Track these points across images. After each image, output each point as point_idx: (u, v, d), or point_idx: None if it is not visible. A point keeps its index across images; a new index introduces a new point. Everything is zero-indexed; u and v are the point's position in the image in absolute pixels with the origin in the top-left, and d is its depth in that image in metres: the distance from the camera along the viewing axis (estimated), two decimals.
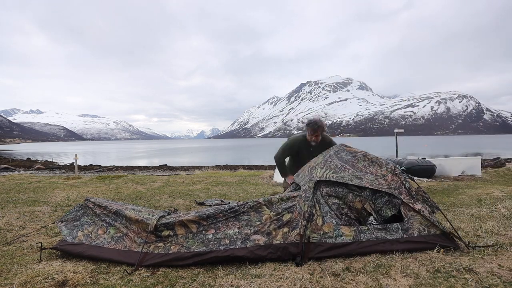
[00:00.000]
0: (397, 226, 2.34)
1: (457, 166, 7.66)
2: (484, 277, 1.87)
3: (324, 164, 2.69)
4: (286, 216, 2.38)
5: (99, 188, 6.38)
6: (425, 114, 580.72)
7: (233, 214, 2.45)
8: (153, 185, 6.81)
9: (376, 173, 2.64)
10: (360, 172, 2.64)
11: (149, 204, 4.65)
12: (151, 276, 2.07)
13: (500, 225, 2.93)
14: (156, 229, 2.42)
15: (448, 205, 4.05)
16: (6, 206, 4.53)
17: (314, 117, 3.55)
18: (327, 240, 2.23)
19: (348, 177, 2.54)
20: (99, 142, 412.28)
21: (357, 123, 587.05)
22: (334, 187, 2.51)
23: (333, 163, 2.70)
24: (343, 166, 2.67)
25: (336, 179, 2.50)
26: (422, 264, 2.05)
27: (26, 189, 6.19)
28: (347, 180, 2.51)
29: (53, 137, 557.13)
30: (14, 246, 2.76)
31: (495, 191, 4.82)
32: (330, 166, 2.65)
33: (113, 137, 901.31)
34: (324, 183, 2.53)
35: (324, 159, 2.78)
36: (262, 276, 2.00)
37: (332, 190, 2.50)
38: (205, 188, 6.33)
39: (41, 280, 2.01)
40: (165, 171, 16.76)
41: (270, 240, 2.25)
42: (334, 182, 2.52)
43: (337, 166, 2.66)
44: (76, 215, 2.87)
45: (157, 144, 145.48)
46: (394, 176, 2.55)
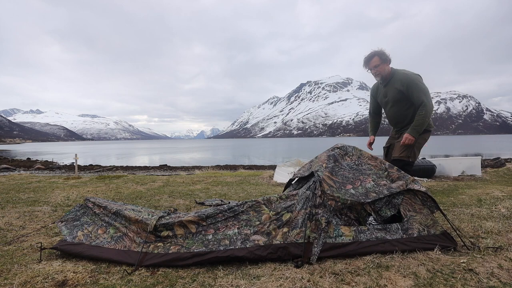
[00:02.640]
0: (397, 226, 2.34)
1: (457, 166, 7.66)
2: (484, 277, 1.87)
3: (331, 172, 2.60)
4: (285, 215, 2.38)
5: (99, 188, 6.38)
6: None
7: (232, 214, 2.45)
8: (153, 185, 6.81)
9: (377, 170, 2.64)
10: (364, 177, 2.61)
11: (149, 204, 4.64)
12: (151, 276, 2.07)
13: (500, 225, 2.93)
14: (156, 229, 2.42)
15: (448, 205, 4.05)
16: (6, 206, 4.53)
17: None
18: (327, 240, 2.23)
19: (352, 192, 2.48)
20: (99, 142, 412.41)
21: (357, 123, 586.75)
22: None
23: (339, 173, 2.62)
24: (347, 178, 2.60)
25: (343, 198, 2.41)
26: (422, 264, 2.05)
27: (26, 189, 6.19)
28: (349, 197, 2.42)
29: (53, 137, 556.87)
30: (14, 246, 2.75)
31: (495, 191, 4.82)
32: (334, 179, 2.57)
33: (113, 137, 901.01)
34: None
35: (328, 164, 2.69)
36: (262, 276, 2.00)
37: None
38: (205, 188, 6.32)
39: (41, 280, 2.01)
40: (165, 171, 16.77)
41: (270, 240, 2.25)
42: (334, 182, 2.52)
43: (343, 176, 2.59)
44: (76, 215, 2.87)
45: (157, 144, 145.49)
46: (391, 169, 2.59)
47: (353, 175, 2.63)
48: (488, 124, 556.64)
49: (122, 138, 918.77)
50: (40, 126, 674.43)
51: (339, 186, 2.49)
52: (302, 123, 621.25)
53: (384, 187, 2.52)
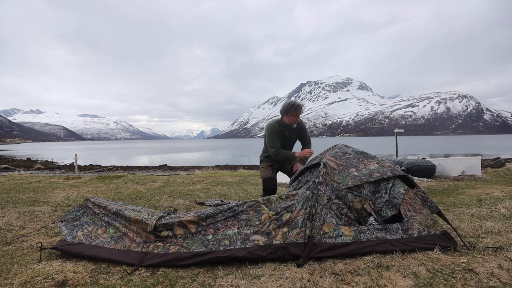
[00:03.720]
0: (397, 226, 2.34)
1: (457, 166, 7.66)
2: (484, 277, 1.87)
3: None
4: (285, 215, 2.38)
5: (99, 188, 6.38)
6: (425, 114, 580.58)
7: (232, 214, 2.45)
8: (153, 185, 6.81)
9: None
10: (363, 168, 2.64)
11: (149, 204, 4.64)
12: (151, 276, 2.07)
13: (500, 225, 2.93)
14: (156, 229, 2.42)
15: (448, 205, 4.05)
16: (6, 206, 4.53)
17: (290, 100, 3.51)
18: (327, 240, 2.23)
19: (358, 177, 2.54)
20: (99, 142, 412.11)
21: (357, 123, 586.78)
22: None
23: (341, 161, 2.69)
24: (347, 164, 2.67)
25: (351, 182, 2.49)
26: (422, 264, 2.05)
27: (26, 189, 6.19)
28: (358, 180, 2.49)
29: (53, 137, 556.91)
30: (14, 246, 2.75)
31: (495, 191, 4.82)
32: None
33: (113, 137, 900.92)
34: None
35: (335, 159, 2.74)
36: (262, 276, 2.00)
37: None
38: (205, 188, 6.33)
39: (41, 280, 2.01)
40: (165, 171, 16.77)
41: (270, 240, 2.25)
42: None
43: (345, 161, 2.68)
44: (76, 215, 2.87)
45: (157, 144, 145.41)
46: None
47: (358, 159, 2.70)
48: (488, 124, 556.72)
49: (122, 138, 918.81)
50: (40, 126, 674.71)
51: (342, 169, 2.57)
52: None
53: (388, 169, 2.59)
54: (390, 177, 2.54)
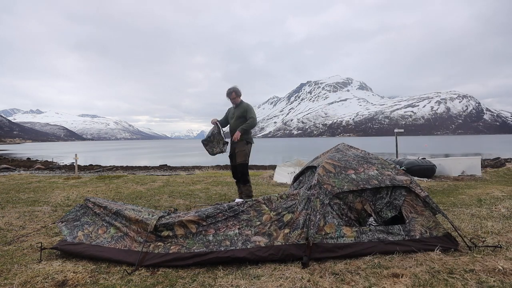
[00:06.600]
0: (399, 227, 2.34)
1: (457, 166, 7.66)
2: (484, 277, 1.86)
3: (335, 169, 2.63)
4: (286, 216, 2.38)
5: (99, 188, 6.38)
6: (425, 114, 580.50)
7: (232, 214, 2.44)
8: (153, 185, 6.80)
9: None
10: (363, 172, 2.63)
11: (149, 204, 4.64)
12: (151, 276, 2.07)
13: (500, 225, 2.93)
14: (156, 229, 2.41)
15: (448, 205, 4.05)
16: (6, 206, 4.53)
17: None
18: (329, 241, 2.23)
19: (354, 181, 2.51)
20: (99, 142, 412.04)
21: (357, 123, 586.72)
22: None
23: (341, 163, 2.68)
24: (346, 166, 2.65)
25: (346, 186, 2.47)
26: (422, 265, 2.05)
27: (26, 189, 6.19)
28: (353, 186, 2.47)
29: (53, 137, 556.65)
30: (14, 246, 2.75)
31: (495, 191, 4.82)
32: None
33: (113, 137, 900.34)
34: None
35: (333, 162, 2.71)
36: (262, 276, 2.00)
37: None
38: (205, 188, 6.32)
39: (41, 280, 2.01)
40: (165, 171, 16.75)
41: (271, 241, 2.25)
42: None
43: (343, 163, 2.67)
44: (76, 215, 2.87)
45: (157, 144, 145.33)
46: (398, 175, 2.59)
47: (358, 162, 2.67)
48: (488, 124, 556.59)
49: (122, 138, 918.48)
50: (40, 126, 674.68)
51: (339, 171, 2.54)
52: (302, 123, 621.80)
53: (387, 177, 2.54)
54: (389, 186, 2.49)
